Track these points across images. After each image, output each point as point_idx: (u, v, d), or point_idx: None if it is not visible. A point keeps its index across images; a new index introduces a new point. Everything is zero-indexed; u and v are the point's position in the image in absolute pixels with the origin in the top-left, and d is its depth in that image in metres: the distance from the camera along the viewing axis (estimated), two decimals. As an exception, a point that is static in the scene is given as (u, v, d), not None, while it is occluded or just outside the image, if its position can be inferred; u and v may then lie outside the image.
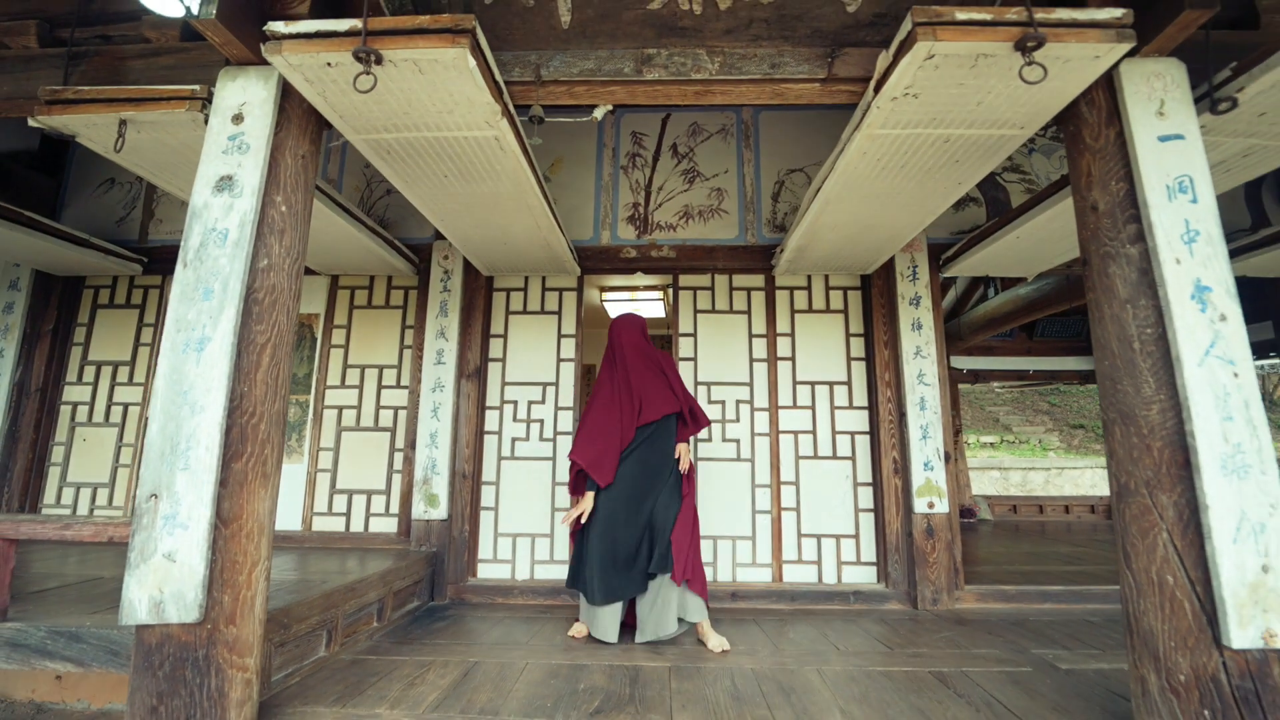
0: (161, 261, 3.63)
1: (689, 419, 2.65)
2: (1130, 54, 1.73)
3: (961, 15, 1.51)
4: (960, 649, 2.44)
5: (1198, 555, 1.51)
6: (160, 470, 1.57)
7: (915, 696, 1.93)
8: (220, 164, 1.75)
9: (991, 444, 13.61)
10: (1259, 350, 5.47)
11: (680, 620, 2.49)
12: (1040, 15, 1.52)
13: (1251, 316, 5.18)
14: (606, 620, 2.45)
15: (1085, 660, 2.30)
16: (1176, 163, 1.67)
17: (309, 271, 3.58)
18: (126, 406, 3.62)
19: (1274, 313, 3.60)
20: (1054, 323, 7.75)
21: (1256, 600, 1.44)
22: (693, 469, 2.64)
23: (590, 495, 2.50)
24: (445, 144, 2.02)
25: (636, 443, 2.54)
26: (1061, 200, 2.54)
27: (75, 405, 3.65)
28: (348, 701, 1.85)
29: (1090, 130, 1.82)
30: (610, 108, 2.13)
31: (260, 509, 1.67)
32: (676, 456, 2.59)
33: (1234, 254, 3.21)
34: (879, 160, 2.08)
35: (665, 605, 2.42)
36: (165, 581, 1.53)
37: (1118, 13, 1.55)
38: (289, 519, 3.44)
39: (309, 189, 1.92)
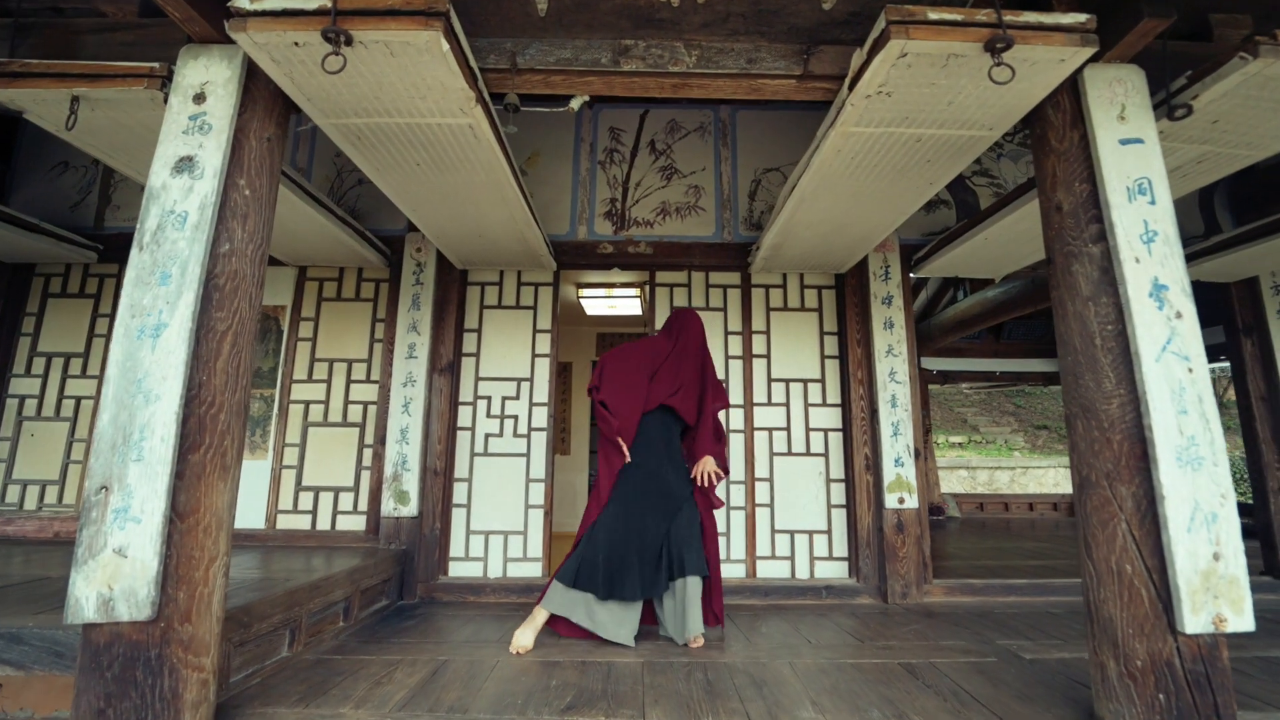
0: (118, 249, 3.48)
1: (708, 435, 2.63)
2: (1093, 59, 1.78)
3: (934, 15, 1.54)
4: (928, 641, 2.48)
5: (1154, 544, 1.56)
6: (111, 461, 1.50)
7: (885, 687, 1.96)
8: (180, 144, 1.68)
9: (960, 444, 13.94)
10: (1211, 354, 5.68)
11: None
12: (1009, 18, 1.56)
13: (1204, 321, 5.41)
14: (625, 619, 2.37)
15: (1048, 650, 2.36)
16: (1136, 165, 1.72)
17: (276, 262, 3.48)
18: (79, 400, 3.47)
19: (1225, 317, 3.74)
20: (1020, 325, 7.97)
21: (1208, 587, 1.49)
22: (713, 488, 2.62)
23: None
24: (418, 131, 1.98)
25: (654, 430, 2.54)
26: (1027, 203, 2.60)
27: (23, 399, 3.48)
28: (310, 702, 1.79)
29: (1055, 133, 1.87)
30: (587, 99, 2.11)
31: (219, 503, 1.61)
32: (694, 475, 2.57)
33: (1188, 259, 3.33)
34: (853, 158, 2.11)
35: (693, 602, 2.37)
36: (115, 578, 1.46)
37: (1082, 18, 1.60)
38: (252, 517, 3.33)
39: (274, 173, 1.86)
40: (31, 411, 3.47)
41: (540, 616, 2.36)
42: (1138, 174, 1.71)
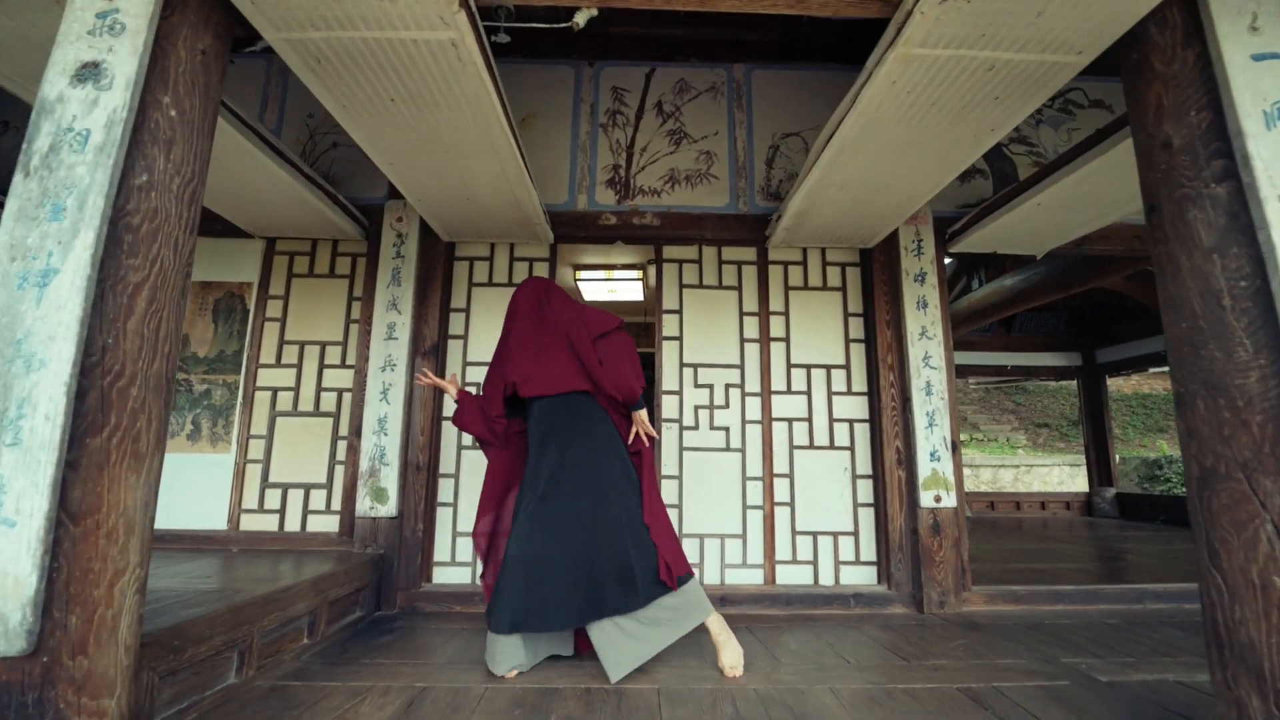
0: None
1: (606, 392, 2.10)
2: (1214, -39, 1.46)
3: (1043, -121, 1.21)
4: (982, 659, 2.16)
5: (1313, 552, 1.24)
6: (-21, 447, 1.15)
7: (950, 721, 1.63)
8: (83, 47, 1.33)
9: (961, 442, 13.69)
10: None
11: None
12: (1135, -114, 1.23)
13: None
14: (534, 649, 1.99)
15: (1122, 670, 2.04)
16: (1276, 84, 1.40)
17: (241, 234, 3.12)
18: None
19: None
20: (1032, 318, 7.70)
21: (1390, 607, 1.18)
22: (640, 443, 2.19)
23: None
24: (390, 50, 1.63)
25: (545, 429, 2.09)
26: (1087, 164, 2.30)
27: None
28: (253, 747, 1.45)
29: (1161, 55, 1.54)
30: (595, 11, 1.77)
31: (129, 501, 1.26)
32: (629, 442, 2.16)
33: None
34: (910, 92, 1.78)
35: (671, 623, 1.95)
36: (-19, 599, 1.11)
37: (1220, -107, 1.27)
38: (212, 516, 2.97)
39: (212, 96, 1.51)
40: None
41: None
42: (1277, 95, 1.39)
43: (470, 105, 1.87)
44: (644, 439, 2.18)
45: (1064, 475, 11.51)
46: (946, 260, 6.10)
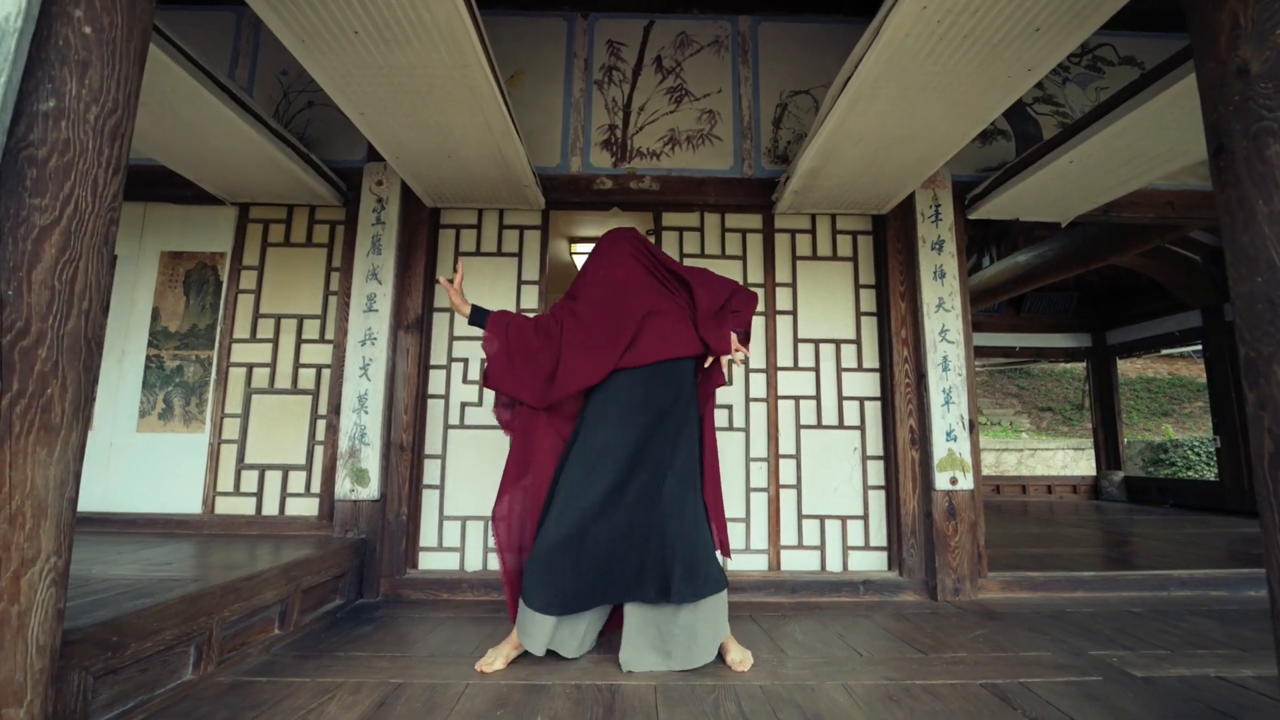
0: None
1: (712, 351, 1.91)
2: None
3: None
4: (1005, 651, 2.00)
5: None
6: None
7: (978, 723, 1.48)
8: (-27, -54, 1.12)
9: (964, 426, 13.55)
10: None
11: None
12: None
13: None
14: (581, 631, 1.87)
15: (1157, 665, 1.89)
16: (1378, -6, 1.20)
17: (213, 200, 2.91)
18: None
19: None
20: (1042, 298, 7.50)
21: None
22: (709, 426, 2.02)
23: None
24: (348, -33, 1.42)
25: (633, 398, 1.85)
26: (1125, 114, 2.09)
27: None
28: (200, 754, 1.29)
29: (1235, -31, 1.34)
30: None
31: (38, 479, 1.09)
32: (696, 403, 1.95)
33: None
34: (941, 21, 1.57)
35: (706, 622, 1.82)
36: None
37: None
38: (186, 500, 2.81)
39: (140, 16, 1.30)
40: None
41: (514, 642, 1.85)
42: (1380, 7, 1.19)
43: (444, 39, 1.67)
44: (723, 369, 2.01)
45: (1067, 459, 11.40)
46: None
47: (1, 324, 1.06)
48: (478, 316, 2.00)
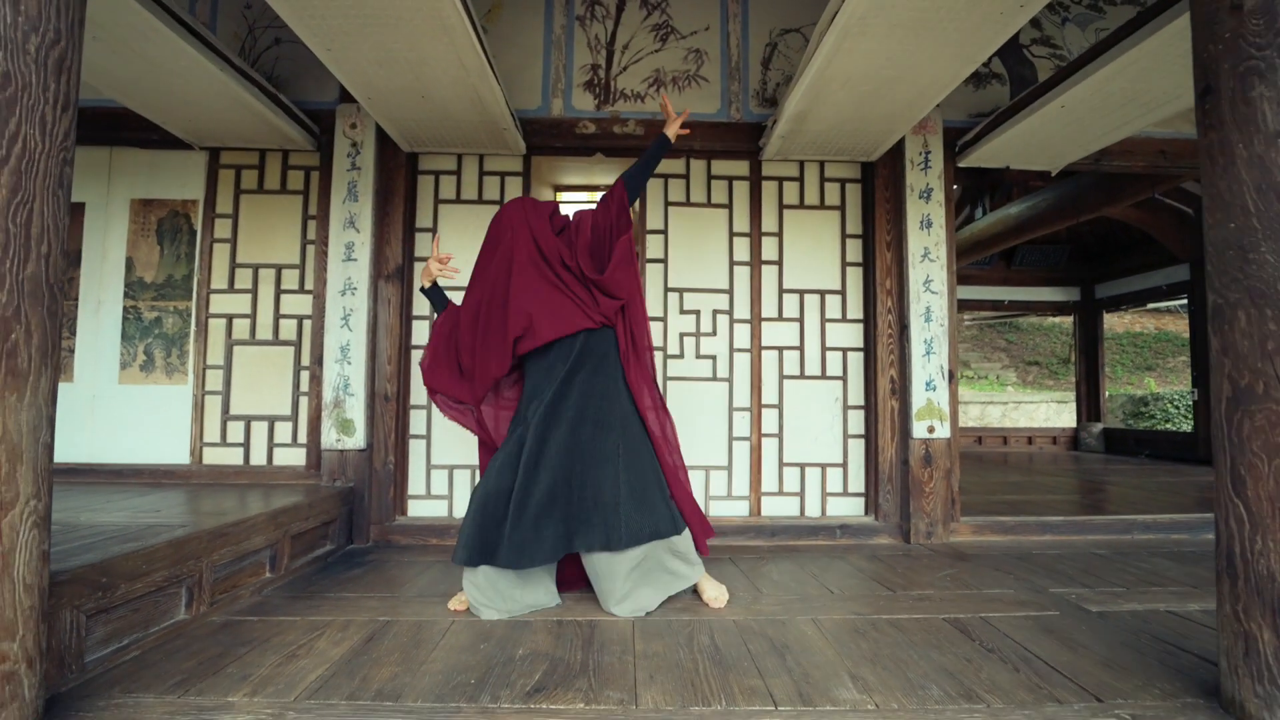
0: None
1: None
2: None
3: None
4: (970, 589, 2.10)
5: (1357, 478, 1.11)
6: None
7: (936, 652, 1.56)
8: None
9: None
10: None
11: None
12: None
13: None
14: (533, 588, 1.86)
15: (1112, 600, 1.98)
16: (1379, -77, 1.15)
17: (180, 144, 2.81)
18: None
19: None
20: (1033, 251, 7.48)
21: None
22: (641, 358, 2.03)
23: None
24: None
25: (550, 365, 1.91)
26: (1119, 55, 2.04)
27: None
28: (193, 685, 1.35)
29: (1237, -105, 1.27)
30: None
31: (10, 424, 1.09)
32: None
33: None
34: (931, -49, 1.50)
35: (669, 574, 1.88)
36: None
37: None
38: (173, 450, 2.83)
39: (78, -62, 1.22)
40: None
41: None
42: (1379, -62, 1.15)
43: (410, -32, 1.58)
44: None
45: (1050, 412, 11.63)
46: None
47: (-45, 267, 1.04)
48: (434, 295, 2.08)
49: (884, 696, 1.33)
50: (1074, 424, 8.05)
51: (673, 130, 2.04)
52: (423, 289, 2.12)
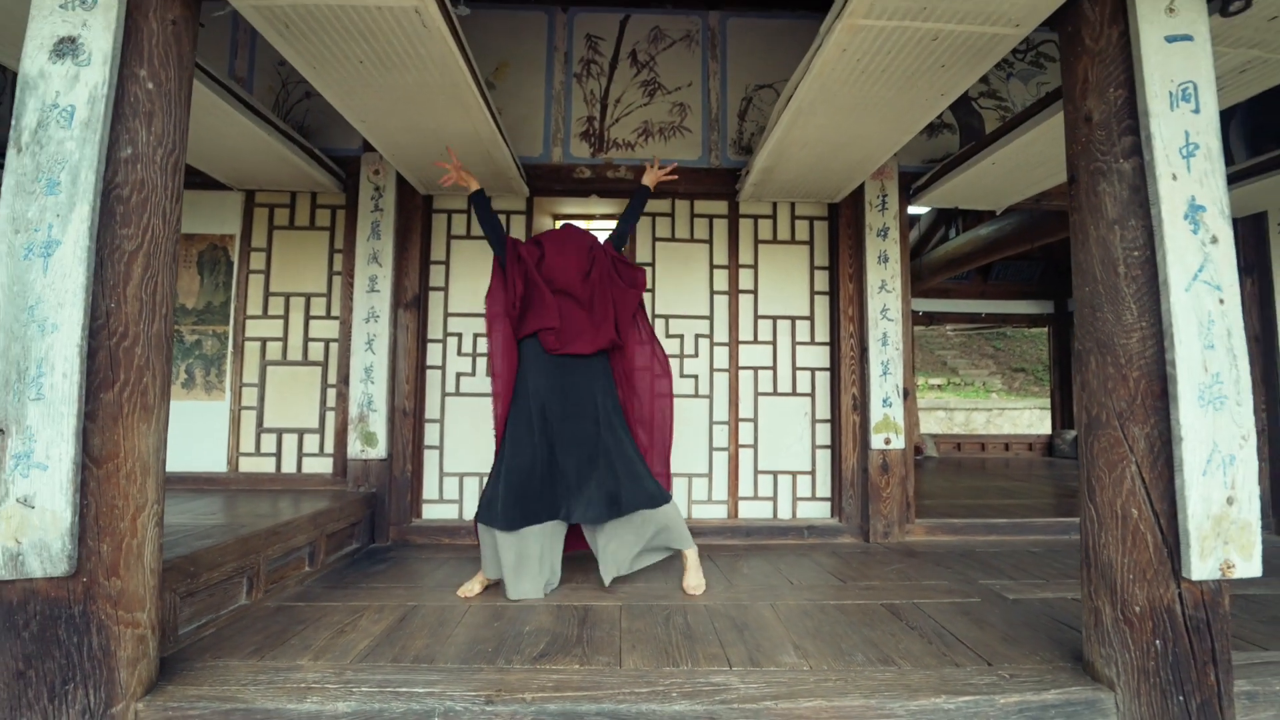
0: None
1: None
2: (1143, -61, 1.53)
3: None
4: (911, 580, 2.45)
5: (1165, 488, 1.46)
6: (6, 401, 1.30)
7: (868, 629, 1.91)
8: (58, 21, 1.39)
9: (939, 385, 14.12)
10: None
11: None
12: (1058, -126, 1.30)
13: None
14: (532, 564, 2.20)
15: (1030, 590, 2.33)
16: (1182, 67, 1.51)
17: (218, 185, 3.15)
18: None
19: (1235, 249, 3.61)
20: (1009, 266, 7.85)
21: (1219, 532, 1.41)
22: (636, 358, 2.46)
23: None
24: (354, 17, 1.68)
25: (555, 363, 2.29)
26: (1041, 123, 2.38)
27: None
28: (267, 653, 1.69)
29: (1091, 30, 1.63)
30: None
31: (143, 446, 1.43)
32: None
33: (1198, 191, 3.16)
34: (859, 60, 1.86)
35: (661, 539, 2.26)
36: (23, 530, 1.29)
37: (1142, -121, 1.34)
38: (212, 459, 3.17)
39: (186, 65, 1.57)
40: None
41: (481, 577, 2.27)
42: (1183, 77, 1.51)
43: (437, 67, 1.93)
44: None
45: (1033, 418, 12.01)
46: (923, 210, 6.18)
47: (109, 330, 1.38)
48: (479, 200, 2.39)
49: (818, 661, 1.67)
50: (1050, 431, 8.42)
51: (650, 179, 2.50)
52: (480, 194, 2.39)
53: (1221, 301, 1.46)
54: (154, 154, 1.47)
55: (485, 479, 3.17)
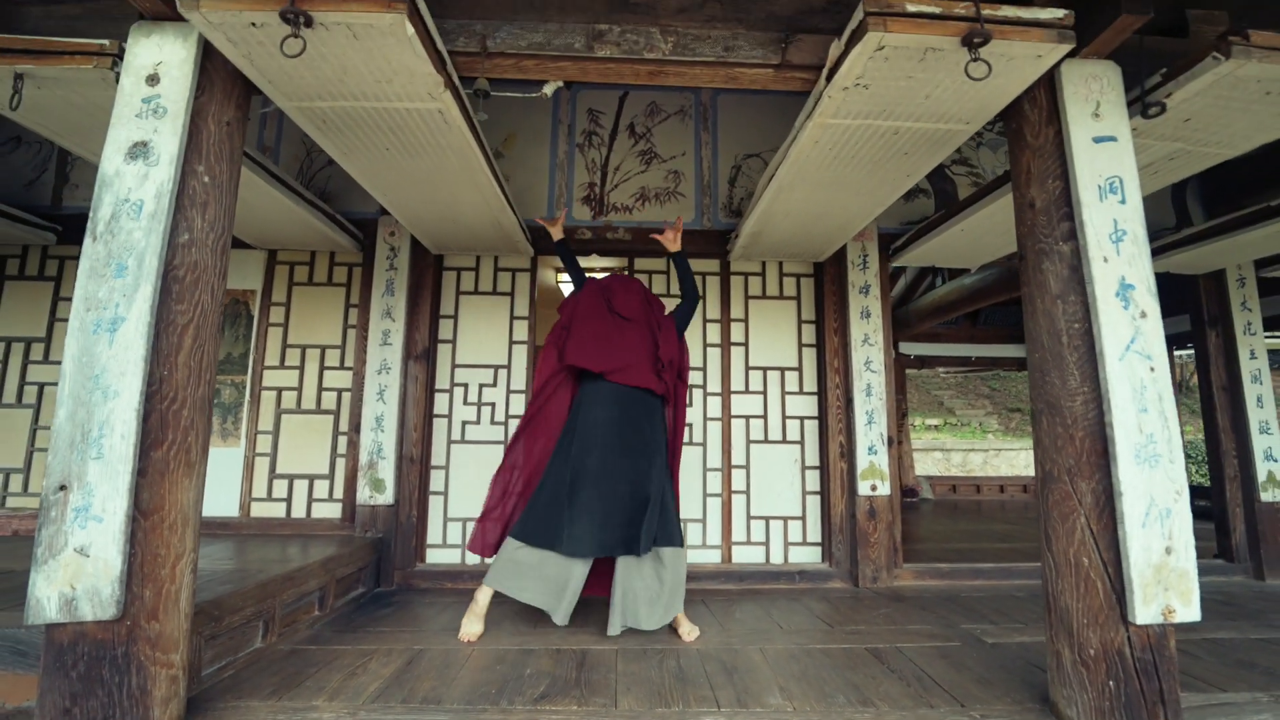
0: (78, 230, 3.34)
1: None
2: (1070, 55, 1.78)
3: (912, 7, 1.52)
4: (896, 625, 2.55)
5: (1111, 538, 1.61)
6: (70, 459, 1.46)
7: (851, 672, 2.01)
8: (133, 128, 1.61)
9: (935, 426, 14.22)
10: (1178, 341, 5.92)
11: None
12: (987, 11, 1.54)
13: (1171, 310, 5.65)
14: (563, 587, 2.31)
15: (1010, 634, 2.44)
16: (1109, 164, 1.73)
17: (244, 245, 3.38)
18: (42, 386, 3.37)
19: (1192, 308, 3.83)
20: (996, 311, 8.08)
21: (1159, 580, 1.55)
22: (679, 427, 2.64)
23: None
24: (385, 115, 1.92)
25: (612, 398, 2.45)
26: (1003, 195, 2.62)
27: (-19, 384, 3.37)
28: (284, 694, 1.79)
29: (1031, 128, 1.87)
30: (561, 84, 2.06)
31: (184, 499, 1.59)
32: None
33: (1160, 251, 3.39)
34: (830, 149, 2.09)
35: (672, 589, 2.34)
36: (78, 577, 1.44)
37: (1060, 13, 1.59)
38: (225, 505, 3.29)
39: (235, 158, 1.79)
40: (-9, 397, 3.36)
41: (482, 598, 2.36)
42: (1109, 172, 1.73)
43: (455, 154, 2.16)
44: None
45: (1030, 459, 12.06)
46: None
47: (162, 395, 1.56)
48: (562, 247, 2.78)
49: (801, 702, 1.78)
50: (1045, 473, 8.49)
51: (674, 244, 2.73)
52: (562, 243, 2.77)
53: (1152, 369, 1.63)
54: (206, 238, 1.67)
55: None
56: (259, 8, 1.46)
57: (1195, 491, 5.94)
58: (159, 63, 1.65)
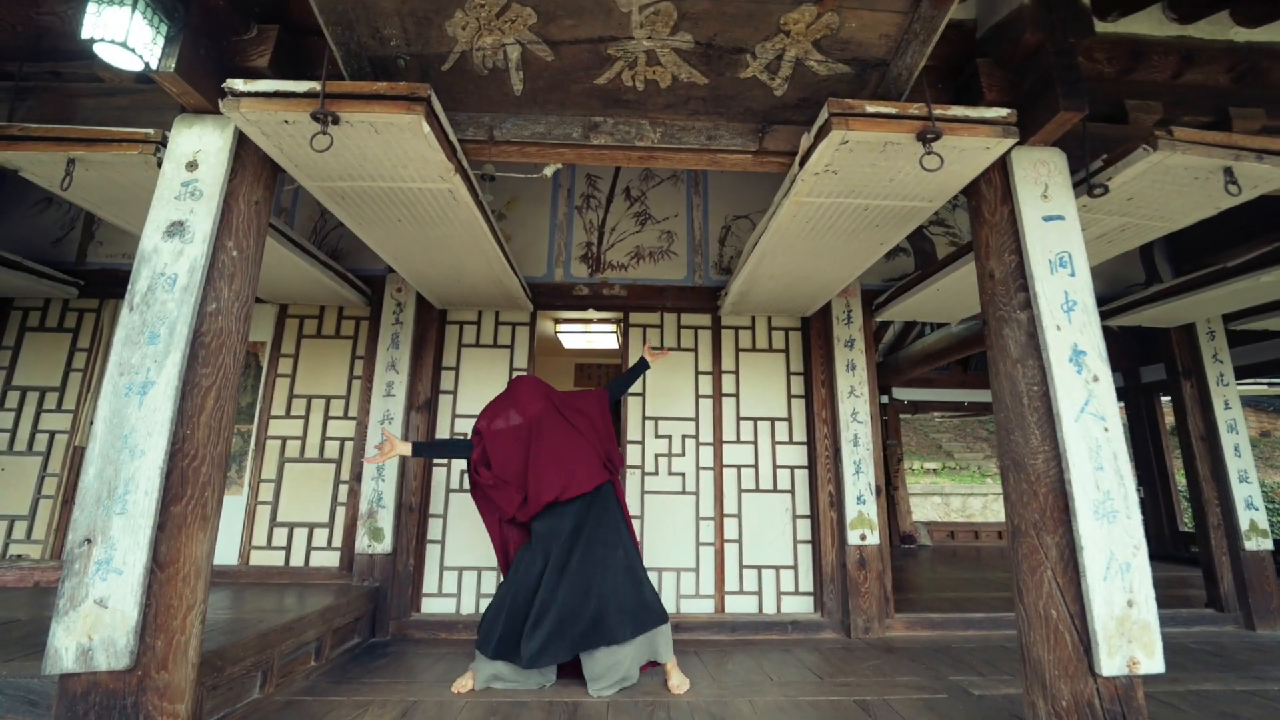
0: (100, 285, 3.53)
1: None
2: (1020, 143, 1.97)
3: (871, 109, 1.71)
4: (885, 677, 2.58)
5: (1076, 591, 1.70)
6: (96, 515, 1.57)
7: (838, 725, 2.05)
8: (172, 209, 1.78)
9: (934, 470, 14.19)
10: (1155, 389, 6.08)
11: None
12: (938, 112, 1.74)
13: (1147, 359, 5.84)
14: (545, 676, 2.38)
15: (996, 686, 2.47)
16: (1058, 240, 1.90)
17: (257, 299, 3.54)
18: (53, 435, 3.47)
19: (1167, 358, 3.98)
20: (985, 358, 8.24)
21: (1123, 632, 1.63)
22: (622, 503, 2.64)
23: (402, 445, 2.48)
24: (399, 193, 2.10)
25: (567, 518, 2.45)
26: (958, 269, 2.81)
27: (-5, 433, 3.48)
28: (281, 746, 1.84)
29: (988, 206, 2.05)
30: (560, 165, 2.26)
31: (198, 552, 1.68)
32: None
33: (1131, 306, 3.57)
34: (808, 221, 2.27)
35: (634, 656, 2.38)
36: (95, 628, 1.52)
37: (1004, 112, 1.78)
38: (226, 553, 3.34)
39: (261, 233, 1.96)
40: (3, 446, 3.46)
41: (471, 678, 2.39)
42: (1059, 248, 1.89)
43: (463, 226, 2.34)
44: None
45: (1029, 503, 12.00)
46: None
47: (184, 453, 1.67)
48: (419, 449, 2.55)
49: (787, 755, 1.82)
50: (1042, 519, 8.47)
51: (650, 357, 2.82)
52: (418, 445, 2.54)
53: (1106, 429, 1.75)
54: (232, 306, 1.82)
55: (484, 580, 3.34)
56: (293, 109, 1.65)
57: (1188, 538, 5.95)
58: (198, 150, 1.84)
